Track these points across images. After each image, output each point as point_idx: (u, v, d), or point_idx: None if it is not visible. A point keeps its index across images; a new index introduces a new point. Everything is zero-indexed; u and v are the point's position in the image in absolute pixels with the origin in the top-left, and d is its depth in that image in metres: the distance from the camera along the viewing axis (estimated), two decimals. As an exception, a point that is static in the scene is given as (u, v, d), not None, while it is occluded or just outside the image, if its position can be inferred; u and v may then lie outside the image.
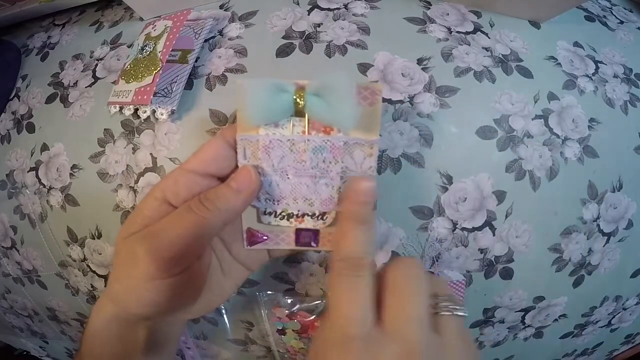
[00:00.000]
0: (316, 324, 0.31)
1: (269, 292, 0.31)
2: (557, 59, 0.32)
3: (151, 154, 0.31)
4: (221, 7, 0.34)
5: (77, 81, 0.35)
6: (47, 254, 0.36)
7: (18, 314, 0.44)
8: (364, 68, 0.30)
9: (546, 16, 0.33)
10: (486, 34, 0.32)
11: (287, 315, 0.31)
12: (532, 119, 0.30)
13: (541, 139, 0.29)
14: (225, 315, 0.33)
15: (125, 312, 0.23)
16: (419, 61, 0.30)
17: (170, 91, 0.30)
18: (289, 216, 0.24)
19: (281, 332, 0.32)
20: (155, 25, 0.33)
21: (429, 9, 0.33)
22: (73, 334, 0.42)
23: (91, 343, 0.24)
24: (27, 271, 0.38)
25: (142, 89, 0.30)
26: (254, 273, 0.30)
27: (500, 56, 0.31)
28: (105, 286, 0.34)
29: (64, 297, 0.38)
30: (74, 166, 0.33)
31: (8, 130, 0.37)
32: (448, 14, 0.33)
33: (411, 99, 0.29)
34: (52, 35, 0.41)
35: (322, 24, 0.32)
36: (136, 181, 0.31)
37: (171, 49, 0.31)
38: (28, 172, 0.35)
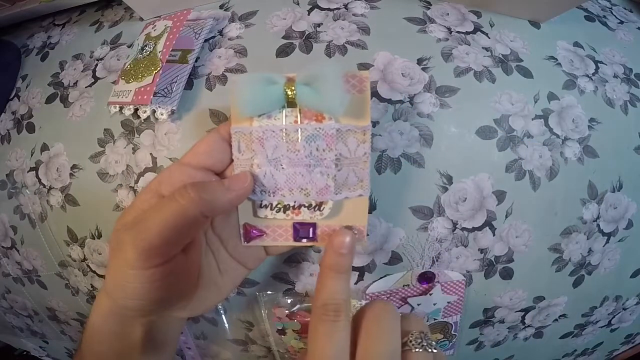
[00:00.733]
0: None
1: (269, 292, 0.31)
2: (557, 59, 0.32)
3: (151, 154, 0.31)
4: (221, 7, 0.34)
5: (77, 81, 0.35)
6: (47, 254, 0.36)
7: (18, 314, 0.44)
8: (364, 68, 0.29)
9: (546, 16, 0.33)
10: (486, 34, 0.32)
11: (287, 315, 0.31)
12: (532, 119, 0.30)
13: (541, 139, 0.29)
14: (225, 315, 0.33)
15: (116, 306, 0.23)
16: (419, 61, 0.30)
17: (170, 91, 0.30)
18: (285, 208, 0.24)
19: (281, 332, 0.32)
20: (155, 25, 0.33)
21: (429, 9, 0.33)
22: (73, 334, 0.42)
23: (90, 340, 0.24)
24: (27, 271, 0.38)
25: (142, 89, 0.30)
26: (253, 273, 0.30)
27: (500, 56, 0.31)
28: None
29: (64, 297, 0.38)
30: (74, 166, 0.33)
31: (8, 130, 0.37)
32: (448, 14, 0.33)
33: (411, 99, 0.29)
34: (52, 35, 0.41)
35: (322, 24, 0.32)
36: (136, 181, 0.31)
37: (171, 49, 0.31)
38: (28, 172, 0.35)
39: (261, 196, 0.24)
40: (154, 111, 0.30)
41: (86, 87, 0.35)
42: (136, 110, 0.30)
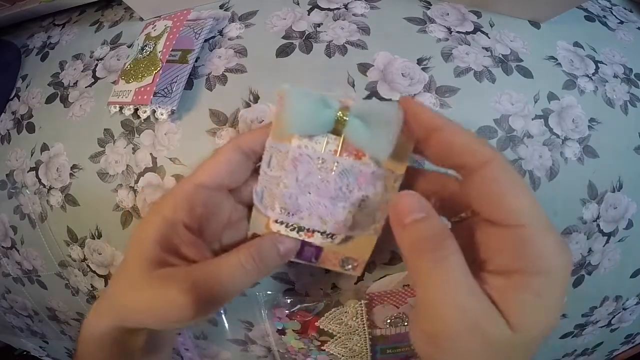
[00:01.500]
0: (316, 323, 0.31)
1: (269, 292, 0.31)
2: (557, 59, 0.32)
3: (151, 154, 0.31)
4: (221, 7, 0.34)
5: (77, 81, 0.35)
6: (47, 254, 0.36)
7: (18, 314, 0.44)
8: (364, 68, 0.29)
9: (546, 16, 0.33)
10: (486, 34, 0.32)
11: (287, 315, 0.31)
12: (532, 119, 0.30)
13: (541, 139, 0.29)
14: (225, 315, 0.33)
15: (132, 325, 0.22)
16: (419, 61, 0.30)
17: (170, 91, 0.30)
18: (300, 229, 0.23)
19: (281, 332, 0.32)
20: (155, 25, 0.33)
21: (429, 9, 0.33)
22: (73, 334, 0.42)
23: (87, 348, 0.24)
24: (27, 271, 0.38)
25: (142, 89, 0.30)
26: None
27: (500, 56, 0.31)
28: (105, 286, 0.34)
29: (64, 297, 0.38)
30: (74, 166, 0.33)
31: (8, 130, 0.37)
32: (448, 14, 0.33)
33: (411, 99, 0.29)
34: (52, 35, 0.41)
35: (322, 24, 0.32)
36: (136, 181, 0.31)
37: (171, 49, 0.31)
38: (28, 172, 0.35)
39: (280, 214, 0.23)
40: (154, 111, 0.30)
41: (86, 87, 0.35)
42: (136, 110, 0.30)
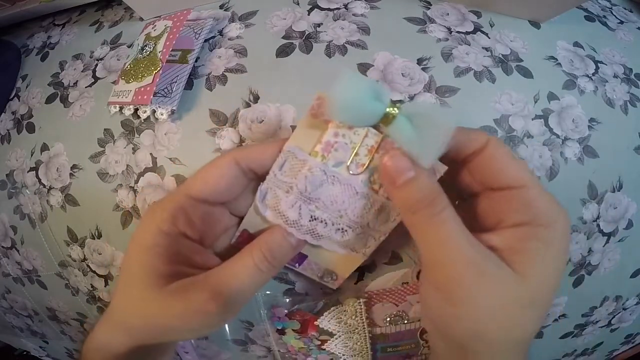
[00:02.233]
0: (315, 322, 0.31)
1: (268, 292, 0.31)
2: (557, 59, 0.32)
3: (151, 154, 0.31)
4: (221, 7, 0.34)
5: (77, 81, 0.35)
6: (47, 254, 0.36)
7: (18, 314, 0.44)
8: (364, 68, 0.29)
9: (546, 16, 0.33)
10: (486, 34, 0.32)
11: (286, 315, 0.31)
12: (532, 119, 0.30)
13: (541, 139, 0.29)
14: (225, 315, 0.33)
15: (143, 342, 0.22)
16: (419, 61, 0.30)
17: (170, 91, 0.30)
18: (313, 218, 0.22)
19: (281, 331, 0.32)
20: (155, 25, 0.33)
21: (429, 9, 0.33)
22: (73, 334, 0.42)
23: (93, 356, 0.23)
24: (27, 271, 0.38)
25: (142, 89, 0.30)
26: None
27: (500, 56, 0.31)
28: (105, 286, 0.34)
29: (64, 297, 0.38)
30: (74, 166, 0.33)
31: (8, 130, 0.37)
32: (448, 14, 0.33)
33: (411, 99, 0.29)
34: (52, 35, 0.41)
35: (322, 24, 0.32)
36: (136, 181, 0.31)
37: (171, 49, 0.31)
38: (28, 172, 0.35)
39: (296, 196, 0.22)
40: (154, 111, 0.30)
41: (86, 87, 0.35)
42: (136, 110, 0.30)
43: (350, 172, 0.21)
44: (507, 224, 0.18)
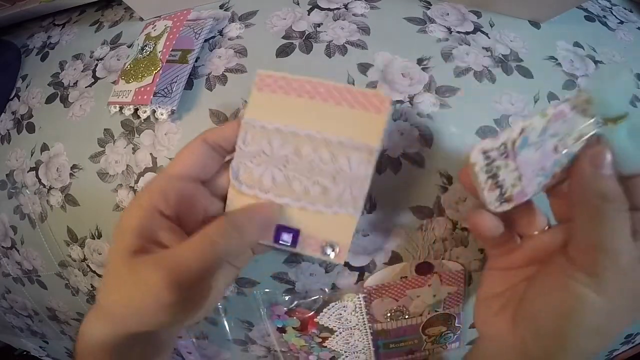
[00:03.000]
0: (315, 319, 0.31)
1: (267, 290, 0.31)
2: (557, 59, 0.32)
3: (151, 154, 0.31)
4: (221, 7, 0.34)
5: (77, 81, 0.35)
6: (47, 254, 0.36)
7: (18, 314, 0.44)
8: (364, 68, 0.30)
9: (546, 16, 0.33)
10: (486, 34, 0.32)
11: (286, 313, 0.31)
12: (532, 119, 0.30)
13: (541, 139, 0.29)
14: (225, 315, 0.33)
15: (123, 330, 0.22)
16: (419, 61, 0.30)
17: (170, 91, 0.30)
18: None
19: (281, 330, 0.32)
20: (155, 25, 0.33)
21: (429, 9, 0.33)
22: (73, 334, 0.42)
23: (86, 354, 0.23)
24: (27, 271, 0.38)
25: (142, 89, 0.30)
26: (254, 273, 0.30)
27: (500, 56, 0.31)
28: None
29: (64, 297, 0.38)
30: (74, 166, 0.33)
31: (8, 130, 0.37)
32: (448, 14, 0.33)
33: (411, 99, 0.29)
34: (52, 35, 0.41)
35: (322, 24, 0.32)
36: (136, 181, 0.31)
37: (171, 49, 0.31)
38: (28, 172, 0.35)
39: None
40: (153, 111, 0.30)
41: (86, 87, 0.35)
42: (136, 110, 0.30)
43: (556, 150, 0.21)
44: None
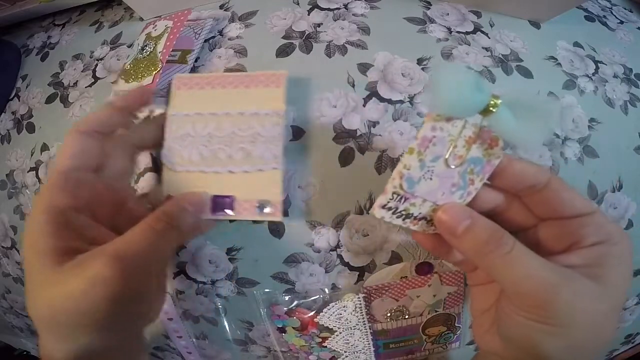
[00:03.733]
0: (315, 319, 0.31)
1: (267, 289, 0.31)
2: (557, 59, 0.32)
3: (151, 154, 0.30)
4: (221, 7, 0.34)
5: (77, 81, 0.35)
6: (47, 254, 0.36)
7: (18, 314, 0.44)
8: (364, 68, 0.29)
9: (546, 16, 0.33)
10: (486, 34, 0.32)
11: (286, 313, 0.31)
12: (532, 119, 0.30)
13: (541, 139, 0.29)
14: (225, 315, 0.33)
15: (75, 338, 0.20)
16: (419, 61, 0.30)
17: (169, 91, 0.30)
18: (407, 216, 0.22)
19: (281, 330, 0.32)
20: (156, 25, 0.33)
21: (429, 9, 0.33)
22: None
23: None
24: (27, 271, 0.38)
25: (142, 89, 0.30)
26: (254, 273, 0.30)
27: (500, 56, 0.31)
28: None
29: (64, 297, 0.38)
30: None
31: (8, 130, 0.37)
32: (448, 14, 0.33)
33: (411, 99, 0.29)
34: (52, 35, 0.41)
35: (322, 24, 0.32)
36: (136, 181, 0.31)
37: (171, 49, 0.31)
38: (28, 172, 0.35)
39: (390, 200, 0.22)
40: (151, 111, 0.30)
41: (86, 87, 0.35)
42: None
43: (450, 166, 0.21)
44: (584, 245, 0.20)
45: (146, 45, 0.32)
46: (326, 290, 0.30)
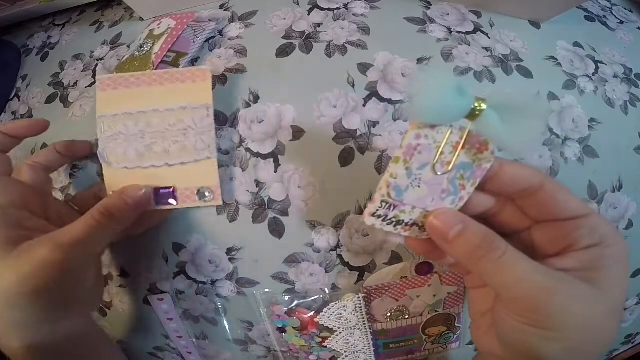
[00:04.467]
0: (315, 319, 0.31)
1: (267, 289, 0.31)
2: (557, 59, 0.32)
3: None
4: (221, 7, 0.34)
5: (77, 81, 0.35)
6: (47, 254, 0.36)
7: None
8: (364, 68, 0.29)
9: (546, 16, 0.33)
10: (486, 34, 0.32)
11: (286, 313, 0.31)
12: (532, 119, 0.30)
13: (541, 139, 0.29)
14: (225, 315, 0.33)
15: (31, 337, 0.23)
16: (419, 61, 0.30)
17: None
18: (398, 223, 0.22)
19: (281, 330, 0.32)
20: (161, 23, 0.34)
21: (429, 9, 0.33)
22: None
23: None
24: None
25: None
26: (254, 273, 0.30)
27: (500, 56, 0.31)
28: (105, 286, 0.34)
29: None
30: (74, 166, 0.33)
31: (8, 130, 0.37)
32: (448, 14, 0.33)
33: (411, 99, 0.29)
34: (52, 35, 0.41)
35: (322, 24, 0.32)
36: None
37: (168, 50, 0.31)
38: (28, 172, 0.35)
39: (379, 208, 0.21)
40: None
41: (86, 87, 0.35)
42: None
43: (438, 173, 0.20)
44: (579, 247, 0.20)
45: (145, 43, 0.32)
46: (326, 290, 0.30)
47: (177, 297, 0.32)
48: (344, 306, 0.30)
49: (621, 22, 0.37)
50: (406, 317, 0.31)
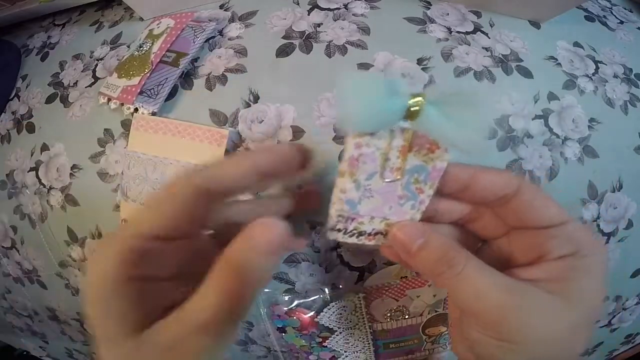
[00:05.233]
0: (315, 319, 0.31)
1: (266, 289, 0.31)
2: (557, 59, 0.32)
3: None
4: (221, 7, 0.34)
5: (77, 81, 0.35)
6: (47, 254, 0.36)
7: (18, 314, 0.44)
8: (364, 68, 0.29)
9: (546, 16, 0.33)
10: (486, 34, 0.32)
11: (286, 313, 0.31)
12: (532, 119, 0.30)
13: (541, 139, 0.29)
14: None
15: None
16: (419, 61, 0.30)
17: (156, 93, 0.30)
18: (360, 234, 0.21)
19: (281, 330, 0.32)
20: (160, 22, 0.34)
21: (429, 9, 0.33)
22: (73, 334, 0.42)
23: None
24: (27, 271, 0.38)
25: (129, 88, 0.31)
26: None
27: (500, 56, 0.31)
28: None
29: (64, 297, 0.38)
30: (74, 166, 0.33)
31: (8, 130, 0.37)
32: (448, 14, 0.33)
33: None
34: (52, 35, 0.41)
35: (322, 24, 0.32)
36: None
37: (167, 50, 0.31)
38: (28, 172, 0.35)
39: (337, 222, 0.20)
40: (136, 109, 0.31)
41: (86, 87, 0.35)
42: (122, 104, 0.31)
43: (387, 180, 0.19)
44: (551, 257, 0.19)
45: (144, 43, 0.32)
46: (326, 290, 0.30)
47: (177, 297, 0.32)
48: (344, 306, 0.30)
49: (621, 22, 0.37)
50: (406, 317, 0.31)
